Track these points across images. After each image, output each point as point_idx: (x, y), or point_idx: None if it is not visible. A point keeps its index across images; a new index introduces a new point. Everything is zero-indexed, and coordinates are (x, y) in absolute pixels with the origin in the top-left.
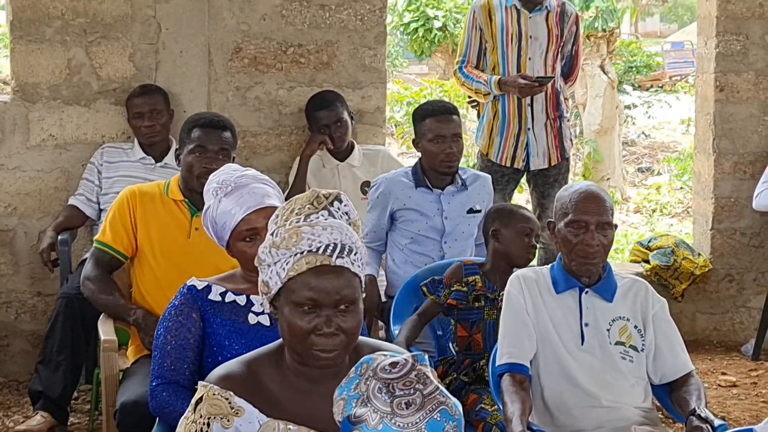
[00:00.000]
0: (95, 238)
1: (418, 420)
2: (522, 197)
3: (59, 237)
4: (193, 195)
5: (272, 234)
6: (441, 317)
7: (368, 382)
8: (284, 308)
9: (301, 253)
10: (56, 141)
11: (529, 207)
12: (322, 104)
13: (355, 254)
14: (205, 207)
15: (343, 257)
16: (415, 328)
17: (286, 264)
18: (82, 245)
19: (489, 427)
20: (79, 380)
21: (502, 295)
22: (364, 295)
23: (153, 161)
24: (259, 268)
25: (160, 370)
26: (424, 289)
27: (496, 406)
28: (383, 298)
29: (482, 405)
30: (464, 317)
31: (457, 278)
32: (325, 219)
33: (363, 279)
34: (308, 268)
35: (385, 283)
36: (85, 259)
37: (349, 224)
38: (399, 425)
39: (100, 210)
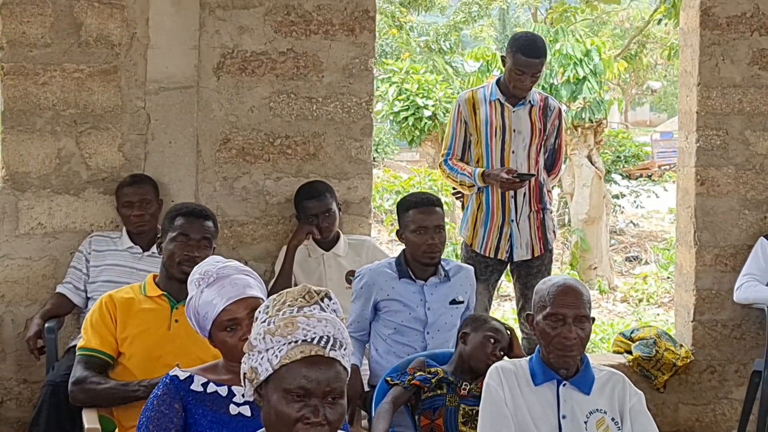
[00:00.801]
0: (78, 346)
1: None
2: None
3: (46, 325)
4: (172, 285)
5: (265, 322)
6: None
7: None
8: (272, 395)
9: (296, 342)
10: (45, 229)
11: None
12: (312, 194)
13: (345, 349)
14: (188, 297)
15: (335, 350)
16: (388, 415)
17: (279, 351)
18: (69, 333)
19: None
20: None
21: (464, 383)
22: None
23: (140, 250)
24: (247, 355)
25: None
26: (388, 379)
27: None
28: (366, 388)
29: None
30: (427, 406)
31: (419, 368)
32: (320, 312)
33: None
34: (302, 356)
35: (368, 372)
36: (72, 347)
37: (340, 318)
38: None
39: (88, 298)
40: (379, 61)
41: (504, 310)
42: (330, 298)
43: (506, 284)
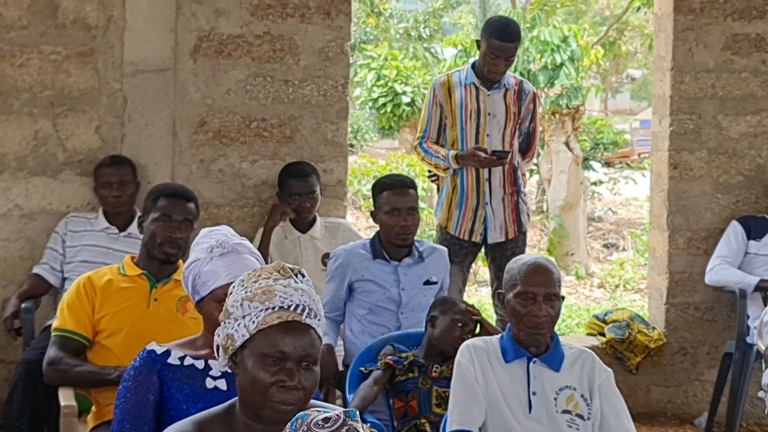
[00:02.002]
0: (53, 326)
1: None
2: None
3: (23, 305)
4: (152, 265)
5: (243, 289)
6: None
7: None
8: (248, 360)
9: (273, 308)
10: (22, 211)
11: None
12: (299, 173)
13: (319, 320)
14: (192, 258)
15: (311, 318)
16: (368, 395)
17: (257, 317)
18: (45, 314)
19: None
20: None
21: (434, 366)
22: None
23: (117, 231)
24: (222, 324)
25: (120, 429)
26: (362, 369)
27: None
28: (340, 368)
29: None
30: (400, 389)
31: (390, 353)
32: (295, 283)
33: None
34: (279, 321)
35: (343, 352)
36: (48, 326)
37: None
38: None
39: (64, 279)
40: (358, 48)
41: (481, 296)
42: (303, 275)
43: (484, 270)
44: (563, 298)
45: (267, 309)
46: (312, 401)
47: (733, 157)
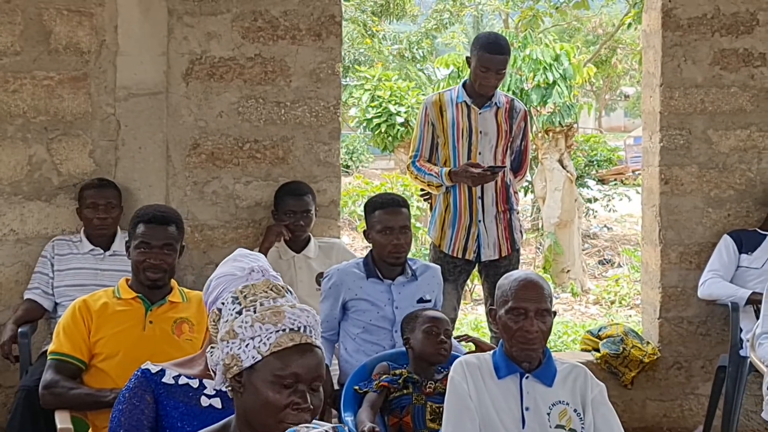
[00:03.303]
0: (49, 350)
1: None
2: None
3: (19, 330)
4: (144, 289)
5: (245, 310)
6: None
7: None
8: (258, 382)
9: (284, 330)
10: (17, 236)
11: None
12: (295, 192)
13: (319, 336)
14: (225, 271)
15: (318, 339)
16: (371, 412)
17: (268, 339)
18: (42, 338)
19: None
20: None
21: (428, 382)
22: None
23: (102, 251)
24: (225, 343)
25: None
26: (356, 388)
27: None
28: (335, 386)
29: None
30: (395, 406)
31: (384, 372)
32: (296, 303)
33: None
34: (293, 344)
35: (338, 371)
36: (45, 351)
37: None
38: None
39: (56, 303)
40: (352, 69)
41: (477, 314)
42: (291, 293)
43: (480, 288)
44: (555, 313)
45: (278, 331)
46: None
47: (723, 172)
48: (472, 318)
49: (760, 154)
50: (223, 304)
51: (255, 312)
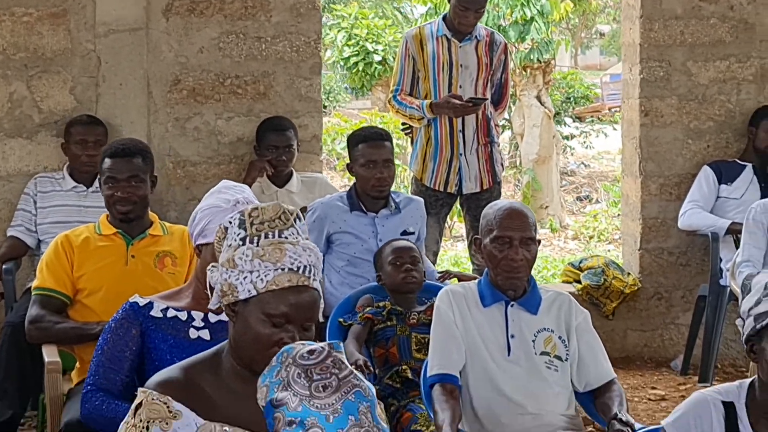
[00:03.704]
0: (34, 285)
1: (334, 401)
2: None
3: (3, 267)
4: (123, 225)
5: (247, 241)
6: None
7: (288, 369)
8: (250, 316)
9: (283, 269)
10: None
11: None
12: (277, 127)
13: (319, 276)
14: (210, 203)
15: (316, 279)
16: (357, 344)
17: (266, 276)
18: (26, 275)
19: None
20: (27, 406)
21: (412, 313)
22: None
23: (84, 188)
24: (225, 269)
25: (94, 378)
26: (341, 320)
27: (432, 428)
28: (321, 319)
29: (416, 426)
30: (379, 338)
31: (368, 304)
32: (300, 238)
33: None
34: (289, 285)
35: (323, 304)
36: (29, 288)
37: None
38: (317, 406)
39: (39, 240)
40: (328, 8)
41: (457, 250)
42: (300, 219)
43: (459, 225)
44: (539, 242)
45: (277, 270)
46: None
47: (703, 103)
48: (452, 254)
49: (739, 85)
50: (230, 222)
51: (257, 245)
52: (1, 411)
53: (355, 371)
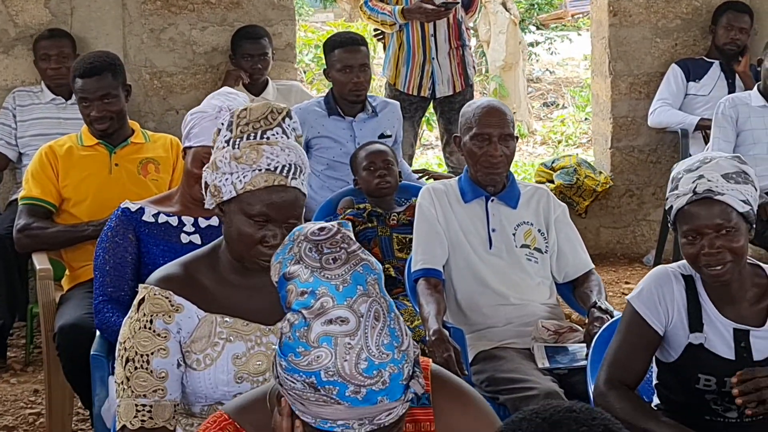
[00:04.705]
0: (20, 196)
1: (343, 272)
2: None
3: None
4: (103, 137)
5: (230, 144)
6: None
7: (300, 245)
8: (234, 215)
9: (260, 170)
10: None
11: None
12: (251, 35)
13: (304, 174)
14: (202, 107)
15: (296, 178)
16: None
17: (244, 177)
18: (7, 188)
19: None
20: (15, 316)
21: (392, 214)
22: None
23: (63, 100)
24: (211, 171)
25: (102, 288)
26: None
27: (417, 322)
28: (302, 222)
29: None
30: (361, 239)
31: (348, 206)
32: (281, 137)
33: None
34: (265, 185)
35: (304, 209)
36: (12, 201)
37: (296, 136)
38: (327, 277)
39: (20, 153)
40: None
41: (427, 157)
42: (291, 117)
43: (428, 133)
44: (517, 138)
45: (254, 171)
46: None
47: (670, 2)
48: (422, 161)
49: None
50: (222, 124)
51: (238, 147)
52: None
53: (362, 248)
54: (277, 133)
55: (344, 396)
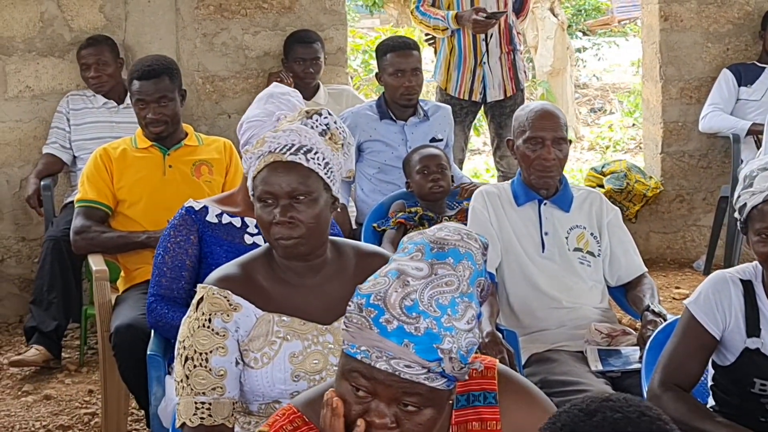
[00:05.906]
0: (76, 199)
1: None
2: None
3: (42, 183)
4: (157, 140)
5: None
6: None
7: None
8: (255, 203)
9: (263, 154)
10: (33, 92)
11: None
12: (304, 40)
13: (313, 153)
14: (257, 112)
15: (296, 155)
16: (392, 248)
17: (253, 165)
18: (62, 191)
19: None
20: (70, 317)
21: (443, 217)
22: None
23: (115, 104)
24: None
25: (157, 287)
26: (375, 225)
27: None
28: (353, 226)
29: None
30: None
31: (400, 210)
32: (294, 126)
33: (326, 178)
34: (264, 165)
35: (355, 211)
36: (67, 204)
37: (330, 134)
38: (431, 240)
39: (75, 157)
40: None
41: (474, 163)
42: (320, 114)
43: (475, 139)
44: (571, 141)
45: (259, 156)
46: (347, 240)
47: (722, 6)
48: (470, 166)
49: None
50: None
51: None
52: (46, 322)
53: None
54: (292, 125)
55: (378, 322)
